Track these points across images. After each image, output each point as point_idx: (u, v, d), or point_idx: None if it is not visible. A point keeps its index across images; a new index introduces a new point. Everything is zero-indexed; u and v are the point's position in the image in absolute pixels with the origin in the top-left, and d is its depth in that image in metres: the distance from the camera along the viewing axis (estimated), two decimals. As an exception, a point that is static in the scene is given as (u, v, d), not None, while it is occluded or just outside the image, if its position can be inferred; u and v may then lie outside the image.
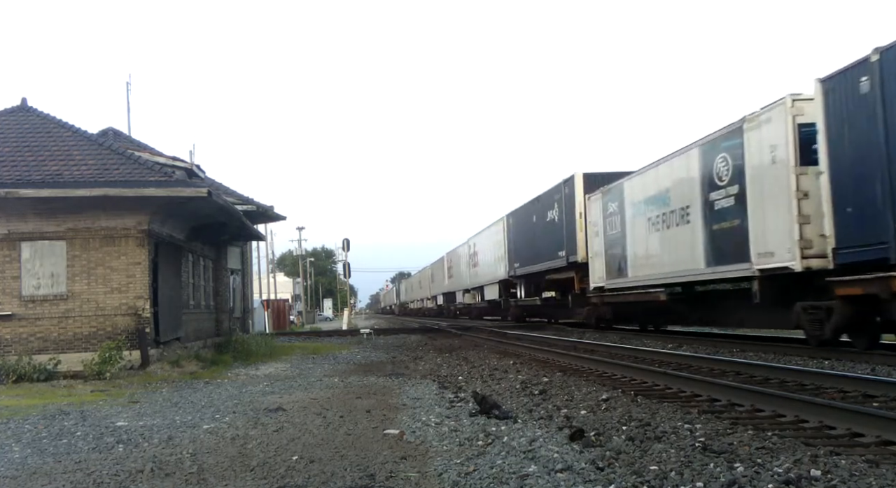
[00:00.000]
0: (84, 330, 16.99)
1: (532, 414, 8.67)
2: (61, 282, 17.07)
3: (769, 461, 5.67)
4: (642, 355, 15.77)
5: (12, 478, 6.40)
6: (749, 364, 12.46)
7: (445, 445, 7.03)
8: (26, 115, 19.50)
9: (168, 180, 17.42)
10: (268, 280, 58.58)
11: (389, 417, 9.00)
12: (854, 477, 5.16)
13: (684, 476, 5.36)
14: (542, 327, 34.01)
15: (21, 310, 16.90)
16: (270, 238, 61.07)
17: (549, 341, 22.33)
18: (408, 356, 20.50)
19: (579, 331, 27.90)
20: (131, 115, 71.48)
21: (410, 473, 5.96)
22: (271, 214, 28.12)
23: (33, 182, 16.61)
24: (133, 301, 17.16)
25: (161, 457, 6.99)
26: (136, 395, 12.54)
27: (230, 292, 27.30)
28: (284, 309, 57.87)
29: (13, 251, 17.00)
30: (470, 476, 5.72)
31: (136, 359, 16.71)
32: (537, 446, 6.63)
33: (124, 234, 17.30)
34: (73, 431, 8.75)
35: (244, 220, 22.84)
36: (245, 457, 6.86)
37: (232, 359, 20.64)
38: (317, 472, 6.13)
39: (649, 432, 7.09)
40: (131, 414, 10.26)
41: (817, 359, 13.60)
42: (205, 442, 7.75)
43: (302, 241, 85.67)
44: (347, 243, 49.13)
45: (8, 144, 18.07)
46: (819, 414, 7.46)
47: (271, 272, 64.99)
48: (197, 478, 6.12)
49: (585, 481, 5.38)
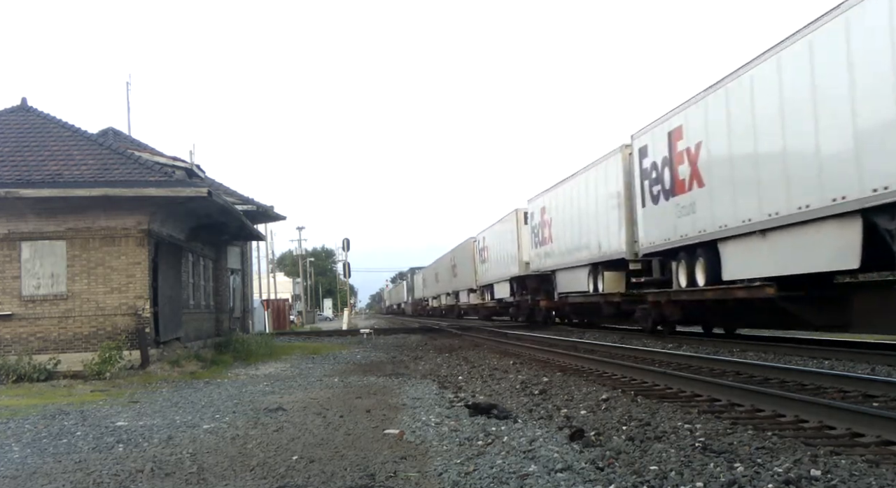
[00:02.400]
0: (84, 330, 16.99)
1: (532, 413, 8.67)
2: (61, 282, 17.07)
3: (769, 461, 5.67)
4: (642, 355, 15.77)
5: (12, 478, 6.40)
6: (749, 364, 12.46)
7: (445, 445, 7.03)
8: (26, 115, 19.51)
9: (168, 180, 17.42)
10: (268, 280, 58.62)
11: (389, 417, 9.00)
12: (854, 477, 5.16)
13: (684, 476, 5.36)
14: (541, 327, 34.01)
15: (21, 310, 16.91)
16: (270, 238, 61.19)
17: (550, 341, 22.32)
18: (408, 356, 20.50)
19: (579, 331, 27.88)
20: (131, 115, 71.61)
21: (410, 473, 5.97)
22: (271, 214, 28.13)
23: (33, 182, 16.61)
24: (133, 301, 17.16)
25: (161, 457, 6.99)
26: (136, 395, 12.54)
27: (230, 292, 27.31)
28: (284, 309, 57.86)
29: (13, 251, 17.01)
30: (470, 476, 5.72)
31: (136, 359, 16.72)
32: (537, 446, 6.63)
33: (124, 234, 17.30)
34: (73, 431, 8.75)
35: (244, 220, 22.84)
36: (245, 457, 6.86)
37: (232, 358, 20.65)
38: (317, 472, 6.13)
39: (649, 432, 7.09)
40: (131, 414, 10.26)
41: (817, 359, 13.60)
42: (205, 442, 7.75)
43: (302, 241, 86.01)
44: (347, 243, 49.26)
45: (8, 144, 18.07)
46: (819, 414, 7.45)
47: (271, 272, 65.03)
48: (197, 478, 6.12)
49: (585, 481, 5.38)
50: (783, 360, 13.61)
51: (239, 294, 29.35)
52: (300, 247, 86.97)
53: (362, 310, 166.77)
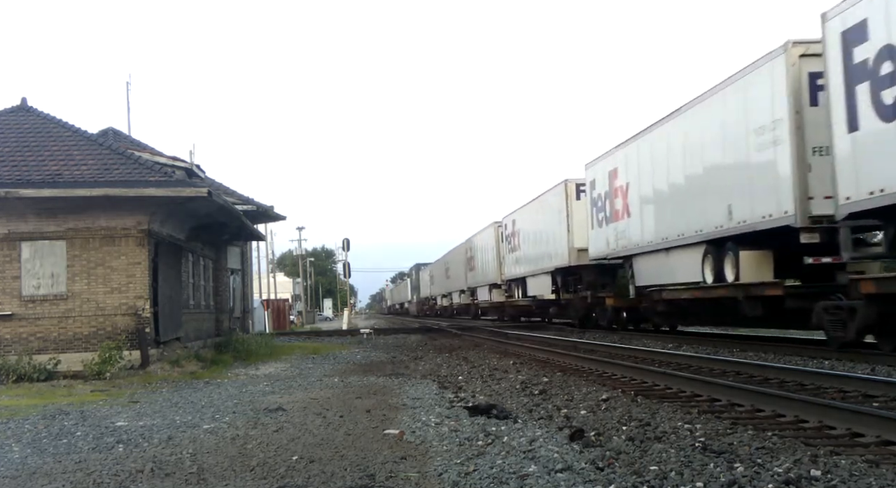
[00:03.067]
0: (84, 330, 16.99)
1: (532, 414, 8.67)
2: (61, 282, 17.06)
3: (769, 461, 5.67)
4: (642, 355, 15.77)
5: (12, 478, 6.40)
6: (749, 364, 12.46)
7: (445, 445, 7.03)
8: (26, 115, 19.49)
9: (168, 180, 17.42)
10: (268, 280, 58.60)
11: (389, 417, 9.00)
12: (854, 477, 5.16)
13: (684, 476, 5.36)
14: (542, 327, 34.00)
15: (21, 310, 16.90)
16: (270, 238, 61.16)
17: (549, 341, 22.32)
18: (408, 356, 20.49)
19: (579, 330, 27.82)
20: (131, 115, 71.60)
21: (410, 473, 5.96)
22: (271, 214, 28.12)
23: (33, 182, 16.61)
24: (133, 301, 17.15)
25: (161, 457, 6.99)
26: (136, 395, 12.54)
27: (230, 292, 27.31)
28: (284, 309, 57.84)
29: (13, 251, 17.00)
30: (470, 476, 5.72)
31: (136, 359, 16.71)
32: (537, 446, 6.63)
33: (124, 234, 17.29)
34: (73, 431, 8.75)
35: (244, 220, 22.84)
36: (245, 457, 6.86)
37: (232, 358, 20.64)
38: (317, 472, 6.13)
39: (649, 432, 7.09)
40: (131, 414, 10.26)
41: (817, 359, 13.61)
42: (205, 442, 7.75)
43: (302, 241, 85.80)
44: (347, 243, 49.20)
45: (8, 144, 18.06)
46: (819, 414, 7.45)
47: (271, 272, 65.01)
48: (197, 478, 6.12)
49: (585, 481, 5.38)
50: (783, 360, 13.61)
51: (239, 294, 29.35)
52: (300, 247, 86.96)
53: (362, 310, 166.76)
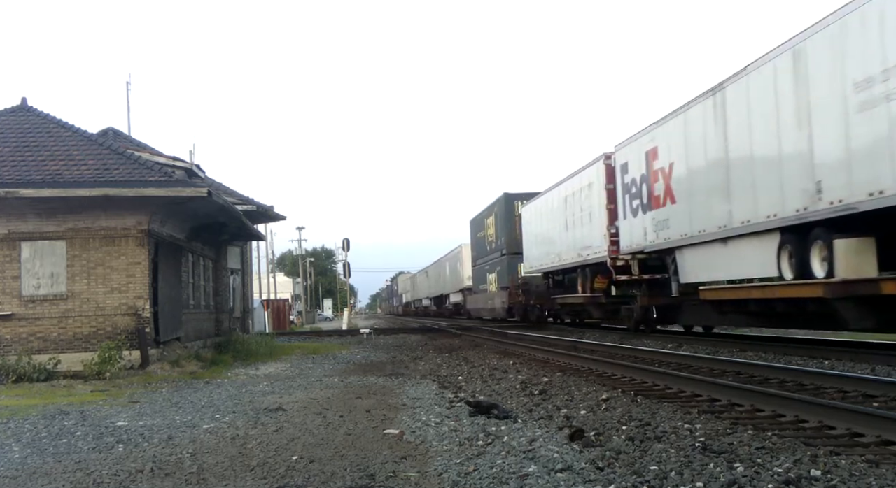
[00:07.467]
0: (84, 330, 16.99)
1: (532, 413, 8.67)
2: (61, 282, 17.06)
3: (769, 461, 5.67)
4: (642, 355, 15.76)
5: (12, 478, 6.40)
6: (749, 364, 12.46)
7: (445, 445, 7.03)
8: (26, 115, 19.50)
9: (168, 180, 17.42)
10: (268, 280, 58.61)
11: (389, 417, 9.00)
12: (854, 477, 5.16)
13: (684, 476, 5.35)
14: (541, 327, 34.00)
15: (21, 310, 16.90)
16: (270, 238, 61.20)
17: (549, 341, 22.32)
18: (408, 356, 20.49)
19: (579, 330, 27.84)
20: (131, 115, 71.58)
21: (410, 473, 5.96)
22: (271, 214, 28.12)
23: (33, 182, 16.61)
24: (133, 301, 17.15)
25: (161, 457, 6.99)
26: (136, 395, 12.54)
27: (230, 292, 27.31)
28: (284, 309, 57.86)
29: (13, 251, 17.00)
30: (470, 476, 5.72)
31: (136, 359, 16.71)
32: (537, 446, 6.63)
33: (124, 234, 17.30)
34: (73, 431, 8.75)
35: (244, 220, 22.84)
36: (245, 457, 6.86)
37: (232, 358, 20.64)
38: (317, 472, 6.13)
39: (649, 432, 7.08)
40: (131, 414, 10.26)
41: (817, 359, 13.60)
42: (205, 442, 7.75)
43: (302, 241, 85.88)
44: (347, 243, 49.16)
45: (8, 144, 18.06)
46: (819, 414, 7.45)
47: (271, 272, 65.02)
48: (197, 478, 6.12)
49: (585, 481, 5.38)
50: (783, 360, 13.60)
51: (239, 294, 29.35)
52: (300, 247, 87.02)
53: (362, 310, 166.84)
